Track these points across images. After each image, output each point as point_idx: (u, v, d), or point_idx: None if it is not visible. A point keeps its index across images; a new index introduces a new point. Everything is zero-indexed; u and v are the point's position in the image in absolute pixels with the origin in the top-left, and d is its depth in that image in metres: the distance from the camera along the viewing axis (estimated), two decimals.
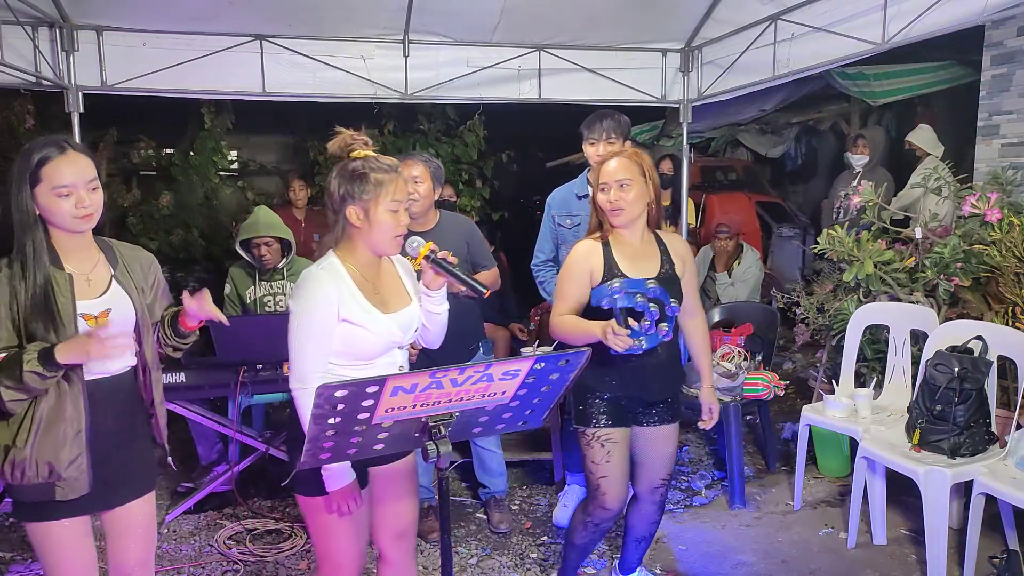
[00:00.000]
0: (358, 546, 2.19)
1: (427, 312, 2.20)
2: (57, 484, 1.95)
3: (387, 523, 2.26)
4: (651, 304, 2.37)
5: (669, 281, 2.52)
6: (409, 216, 3.35)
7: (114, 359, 1.99)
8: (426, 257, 2.12)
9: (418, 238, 2.16)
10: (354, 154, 2.08)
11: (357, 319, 2.04)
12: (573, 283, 2.54)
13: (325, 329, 2.03)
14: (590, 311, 2.50)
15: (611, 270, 2.51)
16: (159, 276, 2.22)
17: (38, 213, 1.94)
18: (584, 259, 2.55)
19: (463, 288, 2.15)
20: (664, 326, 2.41)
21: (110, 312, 2.01)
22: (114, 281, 2.06)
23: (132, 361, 2.09)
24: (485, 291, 2.13)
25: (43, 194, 1.92)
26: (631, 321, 2.35)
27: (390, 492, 2.25)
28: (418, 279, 2.22)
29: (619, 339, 2.26)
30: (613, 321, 2.31)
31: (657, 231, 2.63)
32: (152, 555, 2.26)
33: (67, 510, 1.99)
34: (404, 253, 2.17)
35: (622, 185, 2.47)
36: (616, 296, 2.35)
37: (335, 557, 2.16)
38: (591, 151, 3.40)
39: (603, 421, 2.56)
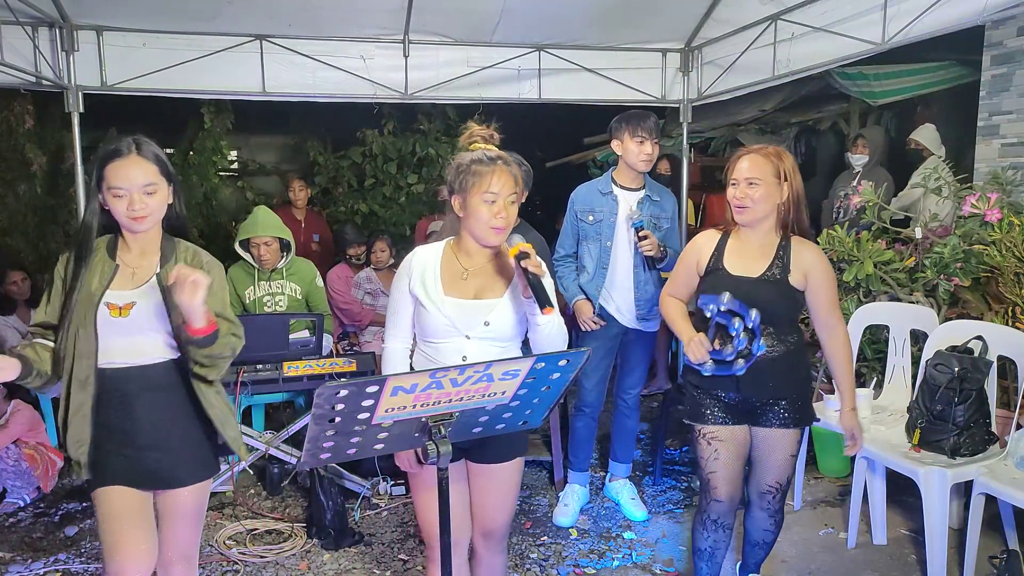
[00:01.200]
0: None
1: (532, 324, 2.13)
2: (72, 461, 2.08)
3: (477, 519, 2.30)
4: (743, 333, 2.39)
5: (771, 285, 2.47)
6: None
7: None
8: (515, 256, 2.06)
9: (518, 236, 2.12)
10: (471, 147, 2.22)
11: (420, 295, 2.15)
12: (683, 267, 2.67)
13: (397, 299, 2.22)
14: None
15: (716, 261, 2.55)
16: (212, 287, 2.09)
17: (105, 207, 2.08)
18: (697, 247, 2.62)
19: (530, 296, 2.07)
20: (741, 361, 2.43)
21: (134, 306, 2.07)
22: (155, 277, 2.11)
23: (168, 354, 2.11)
24: (549, 307, 2.03)
25: (105, 192, 2.05)
26: (717, 343, 2.45)
27: (486, 490, 2.27)
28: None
29: (698, 349, 2.44)
30: (703, 334, 2.46)
31: (794, 237, 2.53)
32: (193, 550, 2.27)
33: (101, 481, 2.10)
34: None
35: (751, 183, 2.45)
36: (719, 305, 2.41)
37: (422, 520, 2.31)
38: (638, 149, 3.40)
39: (709, 418, 2.56)
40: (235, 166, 8.94)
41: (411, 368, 2.23)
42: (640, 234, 3.38)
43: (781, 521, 2.72)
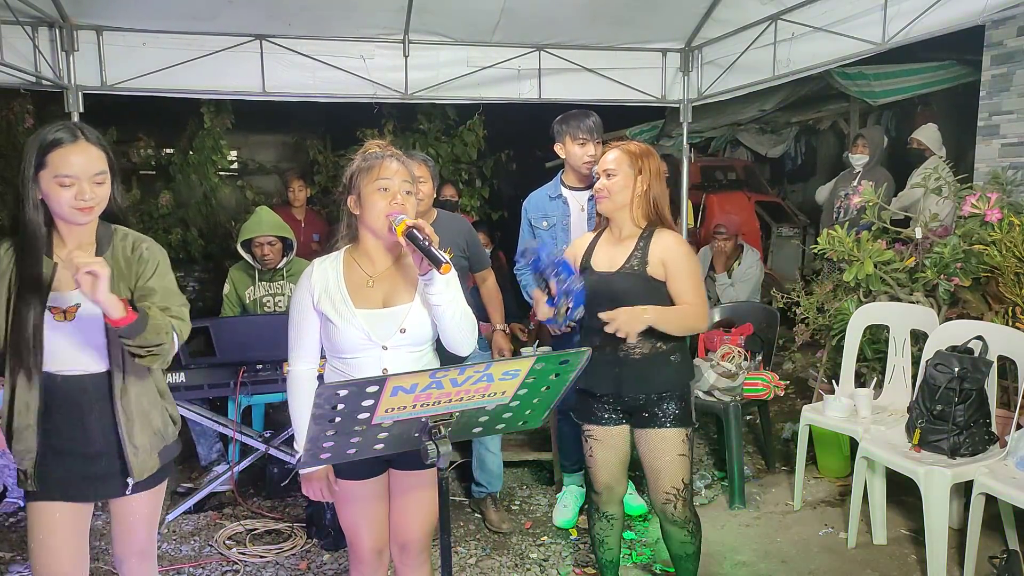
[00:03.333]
0: (365, 529, 2.21)
1: (430, 305, 2.08)
2: (19, 472, 2.00)
3: (393, 531, 2.26)
4: (560, 274, 2.43)
5: (629, 277, 2.50)
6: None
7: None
8: (404, 233, 1.99)
9: (402, 216, 2.04)
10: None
11: (327, 311, 2.08)
12: None
13: (301, 314, 2.14)
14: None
15: (587, 259, 2.63)
16: (147, 272, 2.04)
17: (40, 198, 1.91)
18: (574, 247, 2.73)
19: (427, 272, 2.00)
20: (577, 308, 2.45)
21: (79, 308, 1.94)
22: None
23: (103, 364, 2.00)
24: (445, 263, 1.93)
25: (45, 179, 1.88)
26: (551, 291, 2.47)
27: (402, 501, 2.24)
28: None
29: (538, 305, 2.52)
30: (537, 291, 2.53)
31: (658, 228, 2.56)
32: (149, 545, 2.22)
33: (41, 495, 2.02)
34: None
35: (608, 175, 2.55)
36: (533, 258, 2.49)
37: (348, 536, 2.26)
38: (581, 151, 3.38)
39: (592, 417, 2.65)
40: (235, 165, 8.94)
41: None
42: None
43: (696, 529, 2.63)
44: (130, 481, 2.06)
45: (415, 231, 1.96)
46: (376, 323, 2.08)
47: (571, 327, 2.74)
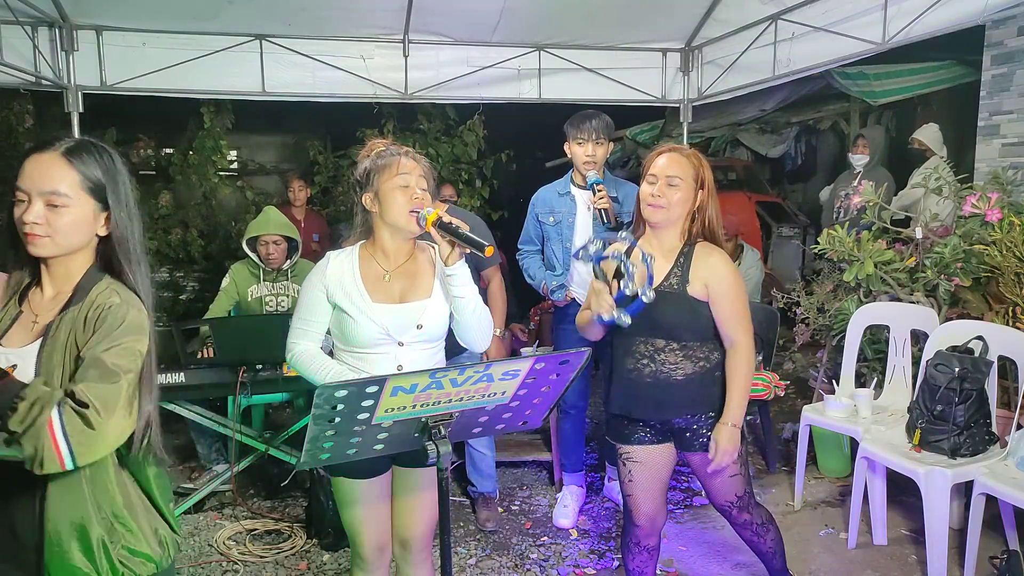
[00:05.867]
0: (367, 528, 2.20)
1: (453, 299, 2.10)
2: None
3: (396, 528, 2.26)
4: (630, 259, 2.15)
5: (668, 296, 2.29)
6: None
7: None
8: (434, 224, 2.01)
9: (429, 207, 2.06)
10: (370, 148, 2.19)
11: (343, 304, 2.09)
12: None
13: (310, 303, 2.14)
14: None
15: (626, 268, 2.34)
16: (98, 335, 1.47)
17: None
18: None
19: (468, 249, 2.01)
20: (648, 292, 2.13)
21: (15, 369, 1.47)
22: (49, 330, 1.52)
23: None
24: (487, 246, 1.96)
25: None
26: (614, 284, 2.18)
27: (405, 498, 2.24)
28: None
29: (599, 298, 2.16)
30: (594, 281, 2.20)
31: (700, 243, 2.36)
32: None
33: None
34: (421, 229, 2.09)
35: (671, 183, 2.29)
36: (590, 244, 2.19)
37: (350, 534, 2.25)
38: (579, 151, 3.44)
39: (629, 438, 2.45)
40: (235, 166, 8.93)
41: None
42: (596, 189, 3.30)
43: (766, 520, 2.56)
44: None
45: (449, 222, 1.99)
46: (394, 318, 2.08)
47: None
